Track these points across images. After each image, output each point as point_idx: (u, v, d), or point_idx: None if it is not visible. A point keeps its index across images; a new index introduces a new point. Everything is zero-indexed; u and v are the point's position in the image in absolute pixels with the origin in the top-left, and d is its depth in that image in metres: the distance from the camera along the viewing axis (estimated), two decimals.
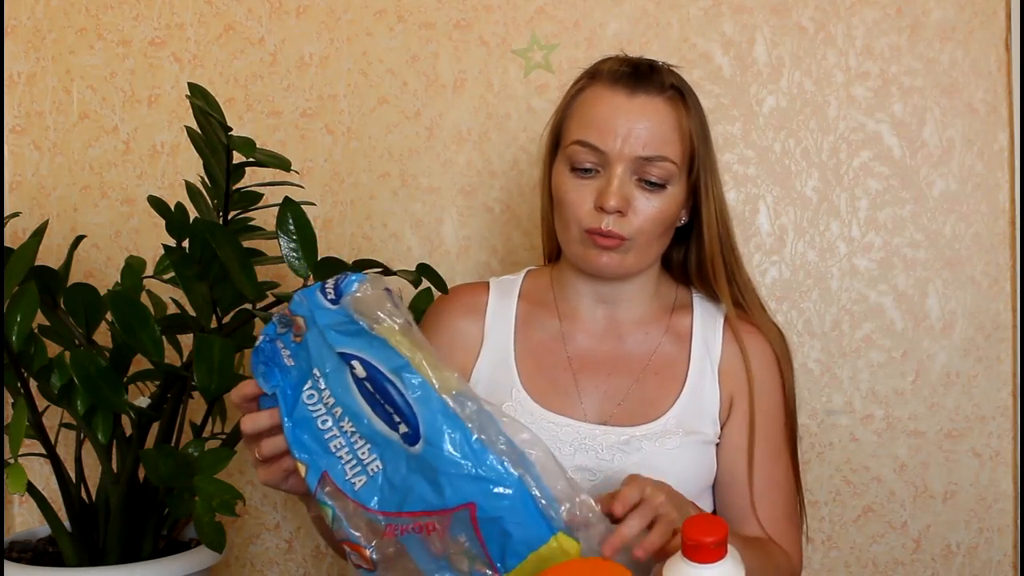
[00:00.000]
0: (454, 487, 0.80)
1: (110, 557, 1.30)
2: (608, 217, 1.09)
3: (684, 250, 1.23)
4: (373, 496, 0.83)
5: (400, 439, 0.82)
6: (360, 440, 0.84)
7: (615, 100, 1.10)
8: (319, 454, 0.85)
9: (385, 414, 0.83)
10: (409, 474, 0.82)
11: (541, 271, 1.27)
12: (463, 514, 0.81)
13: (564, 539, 0.82)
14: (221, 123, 1.18)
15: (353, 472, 0.84)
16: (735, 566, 0.83)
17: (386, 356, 0.83)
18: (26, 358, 1.26)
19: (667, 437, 1.12)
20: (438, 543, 0.82)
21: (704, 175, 1.14)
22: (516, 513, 0.81)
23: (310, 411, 0.85)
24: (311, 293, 0.88)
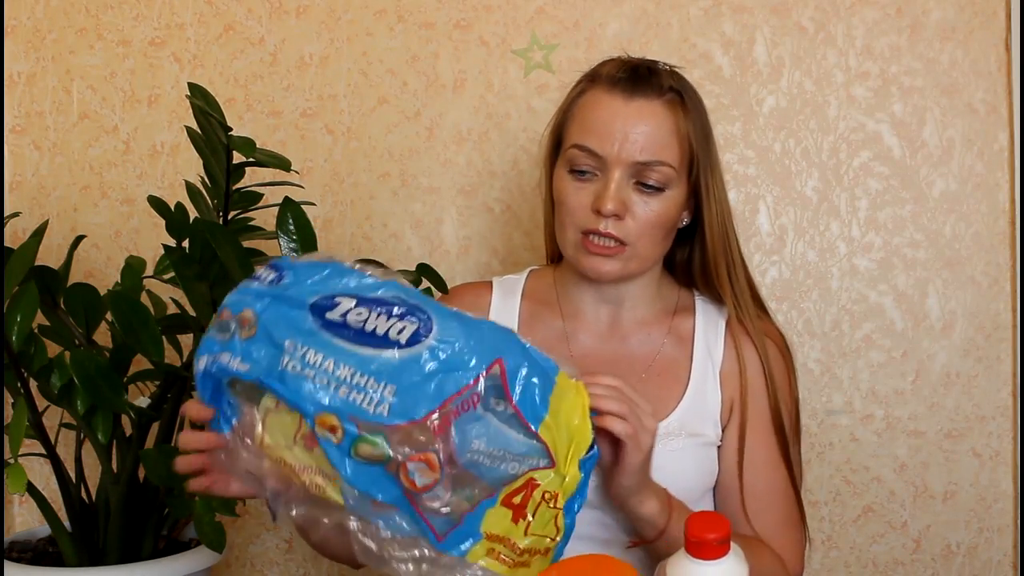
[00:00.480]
0: (481, 349, 0.85)
1: (110, 557, 1.30)
2: (605, 220, 1.09)
3: (688, 251, 1.23)
4: (405, 411, 0.84)
5: (402, 348, 0.85)
6: (363, 377, 0.85)
7: (613, 104, 1.10)
8: (339, 407, 0.85)
9: (376, 339, 0.85)
10: (428, 373, 0.84)
11: (544, 271, 1.27)
12: (495, 375, 0.85)
13: (563, 376, 0.89)
14: (221, 123, 1.18)
15: (374, 405, 0.84)
16: (738, 563, 0.83)
17: (366, 281, 0.87)
18: (26, 358, 1.26)
19: (670, 439, 1.12)
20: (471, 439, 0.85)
21: (705, 176, 1.14)
22: (529, 359, 0.87)
23: (303, 376, 0.85)
24: (245, 288, 0.90)
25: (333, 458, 0.85)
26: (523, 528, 0.88)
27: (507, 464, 0.86)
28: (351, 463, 0.85)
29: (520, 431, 0.86)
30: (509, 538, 0.88)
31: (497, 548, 0.88)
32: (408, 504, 0.86)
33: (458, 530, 0.87)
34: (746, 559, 0.84)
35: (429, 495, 0.85)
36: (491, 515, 0.87)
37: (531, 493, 0.88)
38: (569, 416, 0.88)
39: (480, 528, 0.87)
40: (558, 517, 0.89)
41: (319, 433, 0.85)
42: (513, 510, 0.88)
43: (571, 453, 0.88)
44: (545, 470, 0.88)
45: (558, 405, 0.88)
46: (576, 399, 0.89)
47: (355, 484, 0.85)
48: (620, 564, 0.83)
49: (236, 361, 0.87)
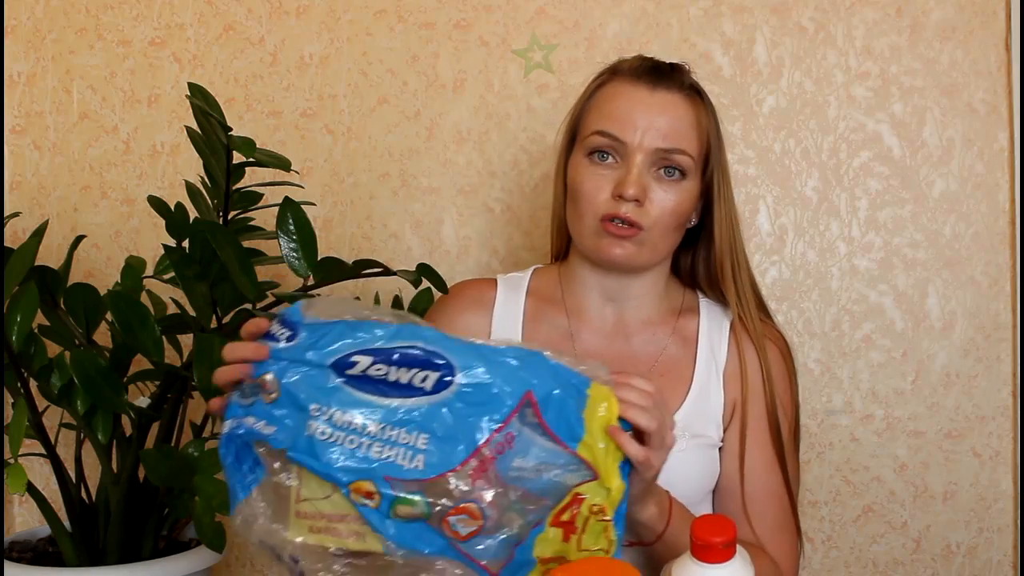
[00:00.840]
0: (510, 386, 0.84)
1: (110, 557, 1.30)
2: (626, 204, 1.10)
3: (692, 255, 1.24)
4: (441, 461, 0.84)
5: (429, 395, 0.84)
6: (393, 430, 0.84)
7: (637, 94, 1.13)
8: (372, 468, 0.84)
9: (400, 389, 0.84)
10: (458, 417, 0.84)
11: (549, 269, 1.27)
12: (525, 410, 0.85)
13: (596, 387, 0.88)
14: (221, 123, 1.18)
15: (409, 459, 0.84)
16: (744, 566, 0.83)
17: (379, 331, 0.85)
18: (26, 358, 1.26)
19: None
20: (511, 468, 0.85)
21: (717, 176, 1.17)
22: (558, 380, 0.86)
23: (333, 442, 0.84)
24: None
25: (373, 522, 0.84)
26: (575, 544, 0.88)
27: (551, 474, 0.86)
28: (392, 524, 0.84)
29: (560, 452, 0.86)
30: (563, 557, 0.88)
31: (552, 567, 0.88)
32: (456, 552, 0.85)
33: (511, 564, 0.87)
34: (752, 563, 0.84)
35: (475, 541, 0.85)
36: (540, 540, 0.88)
37: (579, 508, 0.88)
38: (604, 426, 0.88)
39: (532, 555, 0.87)
40: (608, 529, 0.89)
41: (355, 500, 0.84)
42: (563, 528, 0.88)
43: (610, 463, 0.88)
44: (589, 483, 0.88)
45: (592, 418, 0.87)
46: (610, 409, 0.88)
47: (400, 543, 0.84)
48: (623, 565, 0.83)
49: (262, 424, 0.86)
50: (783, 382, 1.19)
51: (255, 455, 0.88)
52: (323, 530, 0.86)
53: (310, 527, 0.86)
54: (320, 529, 0.86)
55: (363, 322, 0.86)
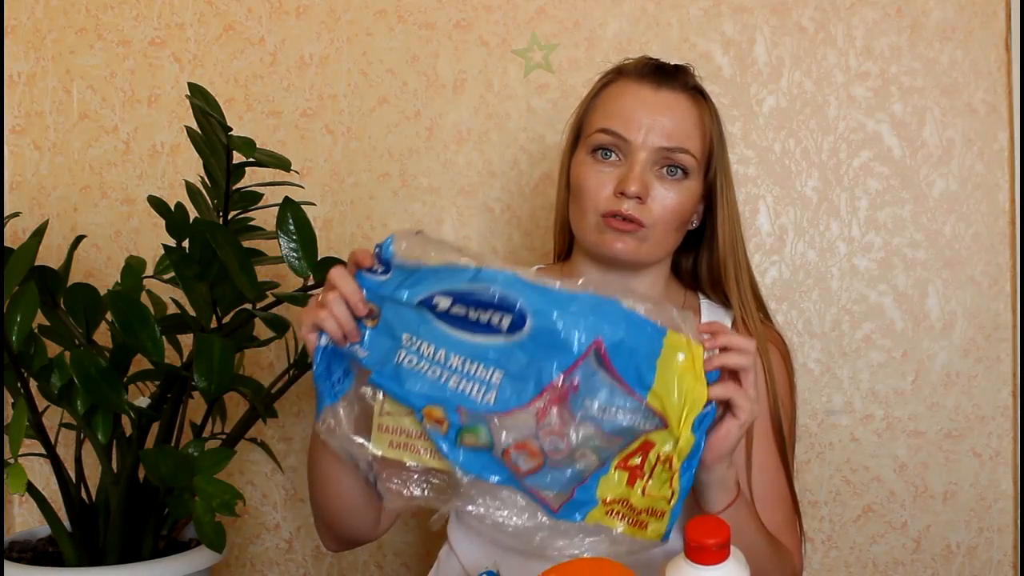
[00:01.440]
0: (579, 332, 0.87)
1: (110, 557, 1.30)
2: (628, 201, 1.10)
3: (694, 256, 1.24)
4: (510, 399, 0.89)
5: (505, 335, 0.89)
6: (472, 364, 0.89)
7: (641, 93, 1.14)
8: (448, 397, 0.89)
9: (481, 327, 0.89)
10: (530, 358, 0.88)
11: (551, 268, 1.27)
12: (594, 356, 0.88)
13: (673, 336, 0.89)
14: (221, 123, 1.18)
15: (482, 393, 0.89)
16: (738, 568, 0.83)
17: (457, 274, 0.90)
18: (26, 358, 1.26)
19: None
20: (583, 408, 0.88)
21: (720, 177, 1.17)
22: (630, 328, 0.88)
23: (417, 369, 0.90)
24: (361, 280, 0.93)
25: (442, 447, 0.90)
26: (640, 489, 0.91)
27: (625, 418, 0.89)
28: (461, 451, 0.90)
29: (630, 398, 0.89)
30: (627, 499, 0.91)
31: (615, 508, 0.91)
32: (519, 484, 0.90)
33: (572, 502, 0.90)
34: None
35: (537, 476, 0.90)
36: (604, 481, 0.91)
37: (647, 455, 0.90)
38: (681, 378, 0.89)
39: (595, 495, 0.91)
40: (674, 479, 0.91)
41: (427, 425, 0.90)
42: (629, 472, 0.91)
43: (685, 415, 0.89)
44: (659, 431, 0.89)
45: (666, 368, 0.89)
46: (688, 360, 0.89)
47: (467, 469, 0.90)
48: (619, 567, 0.83)
49: (358, 347, 0.92)
50: (784, 384, 1.20)
51: (346, 366, 0.94)
52: (402, 445, 0.93)
53: (390, 442, 0.93)
54: (400, 444, 0.93)
55: (444, 267, 0.90)
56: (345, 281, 0.92)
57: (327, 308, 0.91)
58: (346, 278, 0.92)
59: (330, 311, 0.91)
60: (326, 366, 0.93)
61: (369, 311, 0.92)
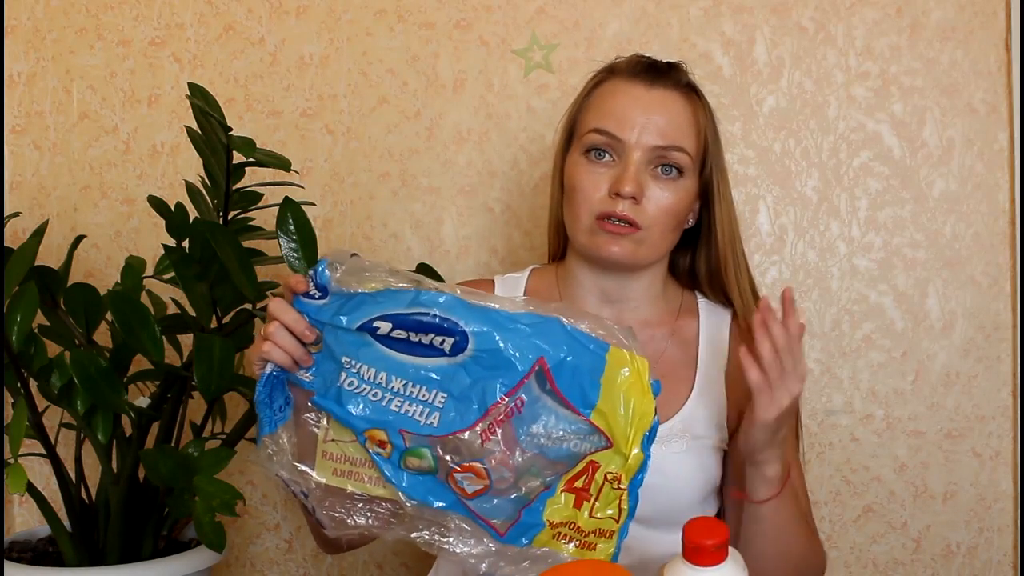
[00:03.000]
0: (520, 352, 0.86)
1: (110, 557, 1.30)
2: (623, 202, 1.09)
3: (691, 255, 1.23)
4: (454, 421, 0.87)
5: (448, 357, 0.87)
6: (415, 387, 0.88)
7: (634, 91, 1.13)
8: (388, 420, 0.88)
9: (423, 348, 0.88)
10: (474, 379, 0.87)
11: (546, 269, 1.27)
12: (537, 376, 0.87)
13: (616, 351, 0.88)
14: (221, 123, 1.18)
15: (425, 415, 0.88)
16: (736, 568, 0.83)
17: (396, 299, 0.88)
18: (26, 358, 1.26)
19: (672, 441, 1.12)
20: (527, 433, 0.87)
21: (716, 175, 1.16)
22: (573, 346, 0.87)
23: (358, 392, 0.89)
24: (300, 305, 0.91)
25: (386, 472, 0.89)
26: (587, 511, 0.90)
27: (569, 443, 0.88)
28: (405, 475, 0.89)
29: (574, 418, 0.88)
30: (574, 522, 0.90)
31: (562, 531, 0.90)
32: (464, 508, 0.89)
33: (518, 525, 0.89)
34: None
35: (482, 500, 0.88)
36: (551, 505, 0.90)
37: (593, 475, 0.89)
38: (627, 394, 0.88)
39: (541, 518, 0.90)
40: (622, 498, 0.90)
41: (370, 448, 0.89)
42: (576, 495, 0.90)
43: (632, 432, 0.88)
44: (605, 451, 0.89)
45: (611, 385, 0.88)
46: (634, 375, 0.89)
47: (411, 494, 0.89)
48: (617, 569, 0.83)
49: (303, 372, 0.91)
50: None
51: (287, 394, 0.93)
52: (347, 473, 0.91)
53: (335, 469, 0.92)
54: (344, 472, 0.91)
55: (382, 291, 0.89)
56: (286, 311, 0.90)
57: (271, 340, 0.90)
58: (286, 308, 0.90)
59: (274, 343, 0.90)
60: (268, 393, 0.92)
61: (316, 336, 0.90)
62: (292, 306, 0.91)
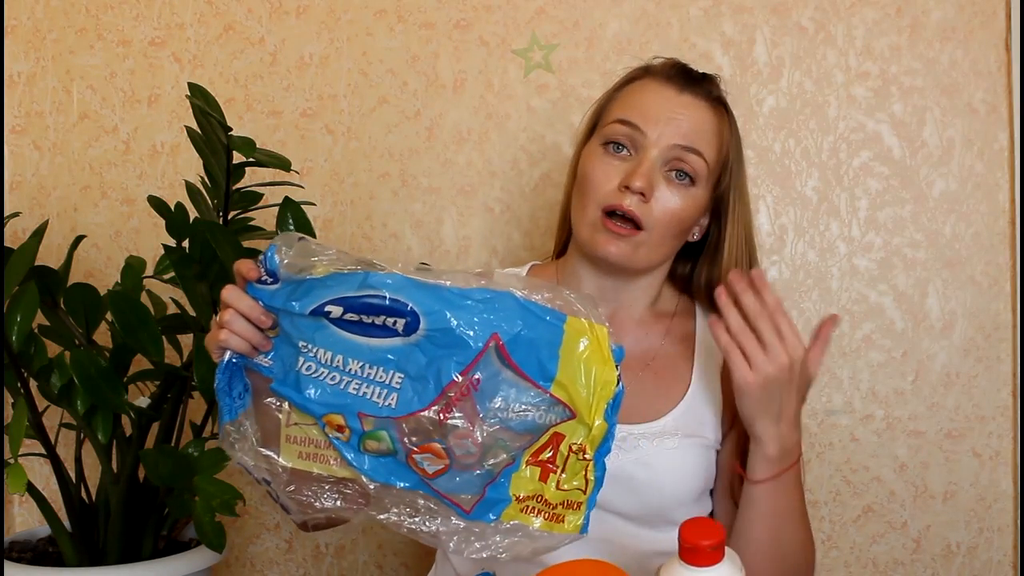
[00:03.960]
0: (474, 330, 0.85)
1: (110, 557, 1.30)
2: (632, 197, 1.09)
3: (692, 265, 1.23)
4: (411, 401, 0.86)
5: (402, 337, 0.86)
6: (372, 368, 0.87)
7: (664, 92, 1.13)
8: (347, 404, 0.87)
9: (377, 329, 0.86)
10: (429, 359, 0.86)
11: (546, 265, 1.27)
12: (492, 350, 0.85)
13: (574, 321, 0.87)
14: (221, 123, 1.18)
15: (383, 397, 0.87)
16: (732, 569, 0.83)
17: (345, 282, 0.87)
18: (26, 358, 1.26)
19: (665, 437, 1.12)
20: (488, 407, 0.86)
21: (733, 194, 1.16)
22: (528, 319, 0.86)
23: (315, 377, 0.88)
24: (253, 291, 0.90)
25: (347, 456, 0.88)
26: (554, 483, 0.89)
27: (532, 415, 0.87)
28: (367, 458, 0.88)
29: (534, 392, 0.87)
30: (541, 495, 0.90)
31: (530, 504, 0.89)
32: (428, 488, 0.89)
33: (484, 502, 0.89)
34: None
35: (444, 478, 0.88)
36: (516, 479, 0.89)
37: (558, 447, 0.89)
38: (587, 363, 0.87)
39: (508, 493, 0.89)
40: (588, 468, 0.90)
41: (329, 433, 0.88)
42: (541, 467, 0.89)
43: (595, 402, 0.88)
44: (569, 422, 0.88)
45: (570, 356, 0.87)
46: (593, 343, 0.88)
47: (374, 476, 0.88)
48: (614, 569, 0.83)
49: (263, 356, 0.90)
50: None
51: (245, 381, 0.91)
52: (311, 456, 0.90)
53: (299, 452, 0.91)
54: (309, 455, 0.90)
55: (330, 275, 0.88)
56: (240, 298, 0.89)
57: (227, 327, 0.89)
58: (240, 295, 0.89)
59: (231, 330, 0.89)
60: (227, 381, 0.91)
61: (272, 322, 0.90)
62: (246, 292, 0.90)
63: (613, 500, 1.08)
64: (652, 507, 1.09)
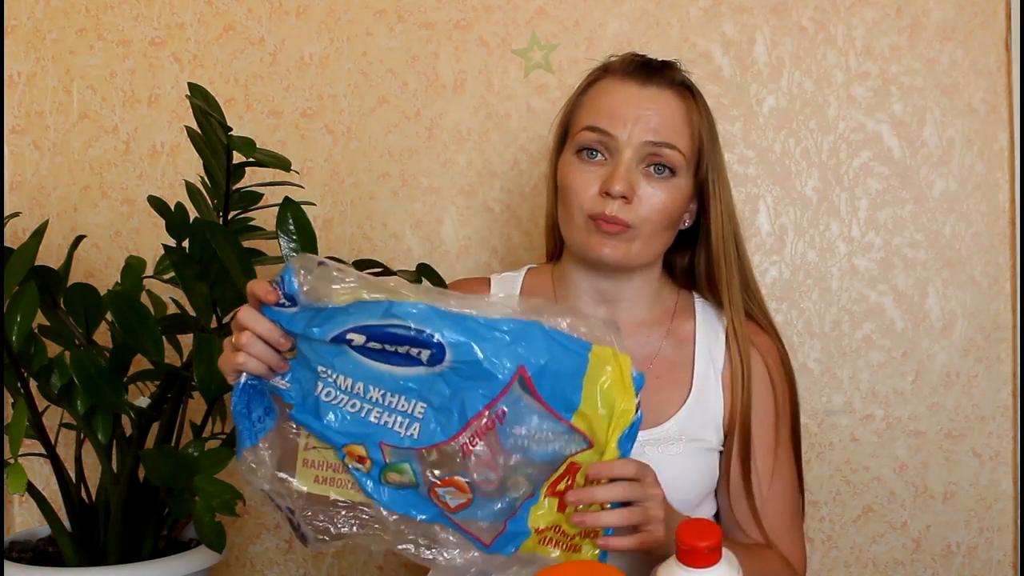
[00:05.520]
0: (500, 362, 0.83)
1: (110, 557, 1.30)
2: (613, 203, 1.08)
3: (690, 255, 1.23)
4: (435, 432, 0.85)
5: (426, 367, 0.84)
6: (393, 397, 0.85)
7: (627, 89, 1.12)
8: (369, 433, 0.86)
9: (400, 357, 0.84)
10: (454, 390, 0.84)
11: (542, 269, 1.27)
12: (519, 384, 0.84)
13: (599, 349, 0.86)
14: (221, 123, 1.18)
15: (405, 427, 0.85)
16: (730, 570, 0.83)
17: (369, 310, 0.85)
18: (26, 358, 1.26)
19: (670, 443, 1.11)
20: (511, 436, 0.85)
21: (712, 175, 1.15)
22: (553, 351, 0.84)
23: (335, 404, 0.86)
24: (270, 314, 0.88)
25: (367, 487, 0.87)
26: (570, 514, 0.88)
27: (553, 444, 0.86)
28: (386, 490, 0.86)
29: (556, 422, 0.86)
30: (559, 526, 0.89)
31: (548, 535, 0.89)
32: (448, 520, 0.87)
33: (504, 536, 0.87)
34: (742, 566, 0.84)
35: (466, 513, 0.87)
36: (535, 511, 0.88)
37: (574, 478, 0.88)
38: (608, 392, 0.86)
39: (527, 526, 0.88)
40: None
41: (349, 464, 0.87)
42: (559, 498, 0.88)
43: (612, 429, 0.87)
44: (585, 452, 0.87)
45: (594, 385, 0.86)
46: (616, 372, 0.86)
47: (393, 508, 0.87)
48: (612, 570, 0.83)
49: (280, 379, 0.88)
50: (781, 385, 1.19)
51: (267, 403, 0.90)
52: (328, 480, 0.89)
53: (316, 476, 0.89)
54: (326, 480, 0.89)
55: (353, 303, 0.85)
56: (257, 321, 0.87)
57: (244, 350, 0.87)
58: (258, 317, 0.87)
59: (248, 352, 0.87)
60: (245, 404, 0.89)
61: (291, 344, 0.87)
62: (262, 314, 0.87)
63: None
64: None
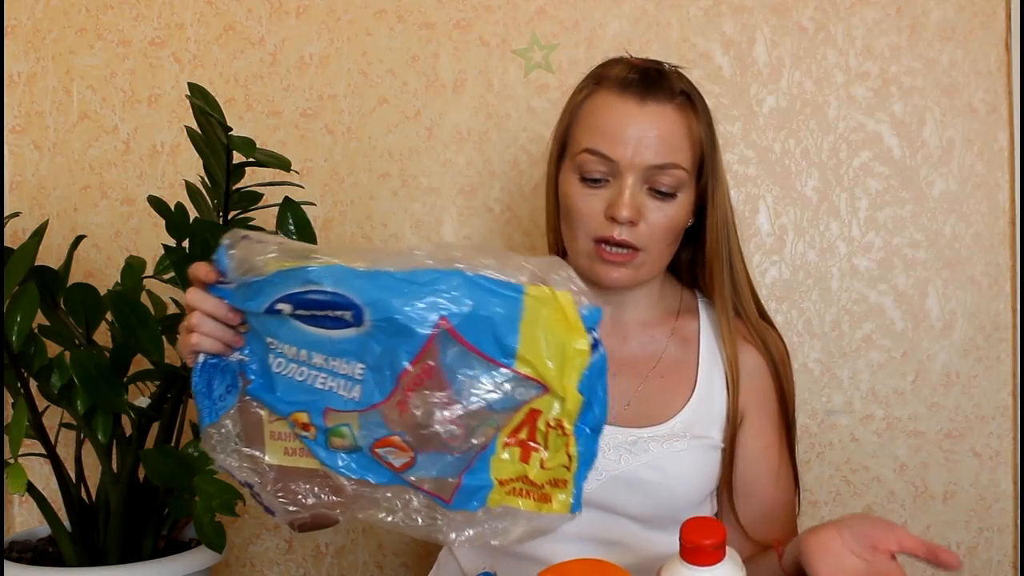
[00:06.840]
0: (420, 317, 0.80)
1: (110, 557, 1.30)
2: (619, 227, 1.07)
3: (692, 251, 1.22)
4: (373, 393, 0.84)
5: (354, 327, 0.82)
6: (336, 360, 0.84)
7: (625, 108, 1.08)
8: (314, 400, 0.85)
9: (331, 320, 0.83)
10: (384, 348, 0.82)
11: None
12: (443, 334, 0.81)
13: (534, 290, 0.82)
14: (221, 123, 1.18)
15: (348, 389, 0.84)
16: (734, 568, 0.83)
17: (289, 278, 0.84)
18: (26, 358, 1.26)
19: (674, 440, 1.11)
20: (448, 385, 0.82)
21: (711, 180, 1.14)
22: (478, 297, 0.81)
23: (285, 374, 0.86)
24: (216, 292, 0.88)
25: (320, 454, 0.86)
26: (537, 463, 0.85)
27: (499, 391, 0.83)
28: (337, 456, 0.85)
29: (496, 369, 0.82)
30: (524, 475, 0.85)
31: (515, 486, 0.86)
32: (403, 481, 0.86)
33: (462, 490, 0.85)
34: (743, 565, 0.84)
35: (413, 471, 0.85)
36: (495, 462, 0.85)
37: (535, 425, 0.84)
38: (550, 333, 0.82)
39: (490, 477, 0.85)
40: (569, 444, 0.84)
41: (299, 432, 0.86)
42: (521, 447, 0.85)
43: (566, 372, 0.82)
44: (543, 397, 0.83)
45: (533, 328, 0.82)
46: (556, 312, 0.82)
47: (348, 473, 0.85)
48: (615, 568, 0.83)
49: (237, 354, 0.88)
50: (780, 384, 1.19)
51: (230, 381, 0.89)
52: (297, 451, 0.88)
53: (285, 448, 0.88)
54: (295, 451, 0.88)
55: (275, 273, 0.84)
56: (205, 299, 0.87)
57: (196, 330, 0.87)
58: (204, 296, 0.87)
59: (200, 332, 0.87)
60: (206, 383, 0.88)
61: (241, 319, 0.87)
62: (209, 293, 0.87)
63: (624, 503, 1.08)
64: (662, 510, 1.09)
